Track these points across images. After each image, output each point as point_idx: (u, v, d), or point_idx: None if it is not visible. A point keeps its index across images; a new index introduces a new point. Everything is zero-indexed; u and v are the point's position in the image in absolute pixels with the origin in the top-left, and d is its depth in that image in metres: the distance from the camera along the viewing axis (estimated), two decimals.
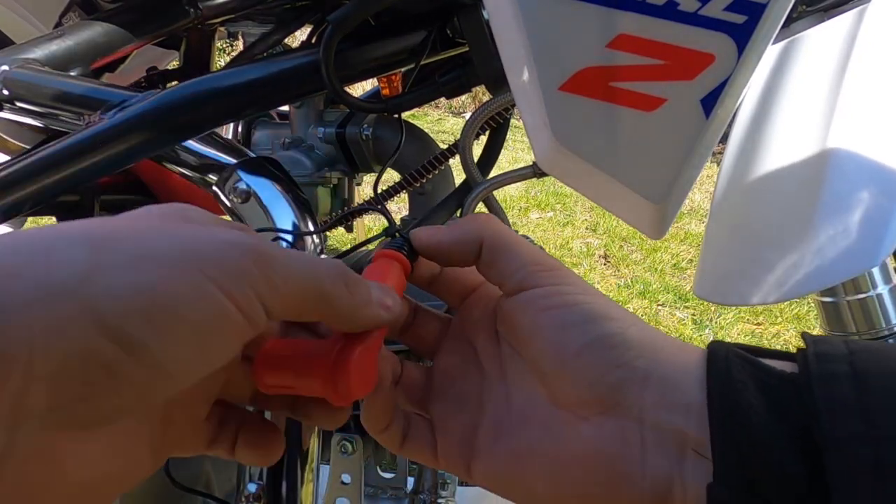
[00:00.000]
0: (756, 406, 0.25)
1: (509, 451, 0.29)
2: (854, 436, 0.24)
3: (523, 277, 0.30)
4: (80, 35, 0.63)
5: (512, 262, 0.30)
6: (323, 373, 0.26)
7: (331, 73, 0.47)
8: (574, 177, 0.36)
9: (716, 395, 0.26)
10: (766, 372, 0.27)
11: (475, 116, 0.51)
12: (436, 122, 5.41)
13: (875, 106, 0.48)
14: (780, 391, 0.26)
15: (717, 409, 0.26)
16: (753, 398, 0.26)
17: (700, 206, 3.43)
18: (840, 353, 0.26)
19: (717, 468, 0.25)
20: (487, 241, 0.31)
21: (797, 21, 0.50)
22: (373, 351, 0.28)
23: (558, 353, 0.28)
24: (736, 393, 0.26)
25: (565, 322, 0.28)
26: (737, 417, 0.25)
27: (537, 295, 0.29)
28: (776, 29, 0.29)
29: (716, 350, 0.28)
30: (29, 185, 0.55)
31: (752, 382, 0.26)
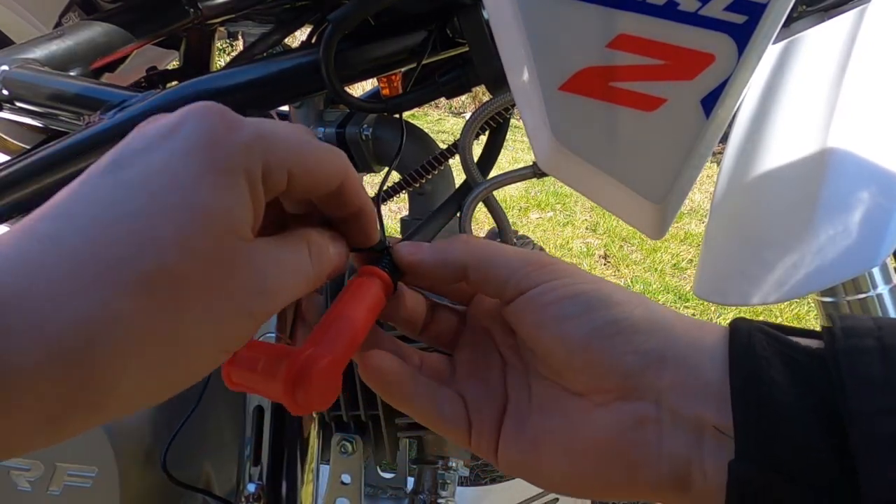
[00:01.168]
0: (780, 382, 0.25)
1: (530, 439, 0.30)
2: (881, 410, 0.23)
3: (517, 282, 0.29)
4: (80, 35, 0.63)
5: (501, 272, 0.30)
6: (286, 379, 0.26)
7: (331, 72, 0.47)
8: (574, 177, 0.36)
9: (738, 370, 0.26)
10: (791, 347, 0.26)
11: (475, 116, 0.51)
12: (436, 122, 5.42)
13: (875, 106, 0.48)
14: (805, 366, 0.25)
15: (739, 385, 0.26)
16: (777, 374, 0.25)
17: (700, 206, 3.43)
18: (867, 327, 0.26)
19: (739, 445, 0.25)
20: (472, 262, 0.30)
21: (797, 21, 0.50)
22: (340, 363, 0.27)
23: (565, 348, 0.28)
24: (759, 369, 0.25)
25: (566, 314, 0.28)
26: (760, 393, 0.25)
27: (534, 294, 0.29)
28: (776, 29, 0.29)
29: (738, 326, 0.28)
30: (29, 185, 0.55)
31: (777, 358, 0.26)
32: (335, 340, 0.28)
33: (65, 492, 0.51)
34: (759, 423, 0.25)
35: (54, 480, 0.51)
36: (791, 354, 0.26)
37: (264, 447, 0.52)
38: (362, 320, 0.29)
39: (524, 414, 0.30)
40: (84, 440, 0.50)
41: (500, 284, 0.30)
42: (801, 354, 0.26)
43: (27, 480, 0.51)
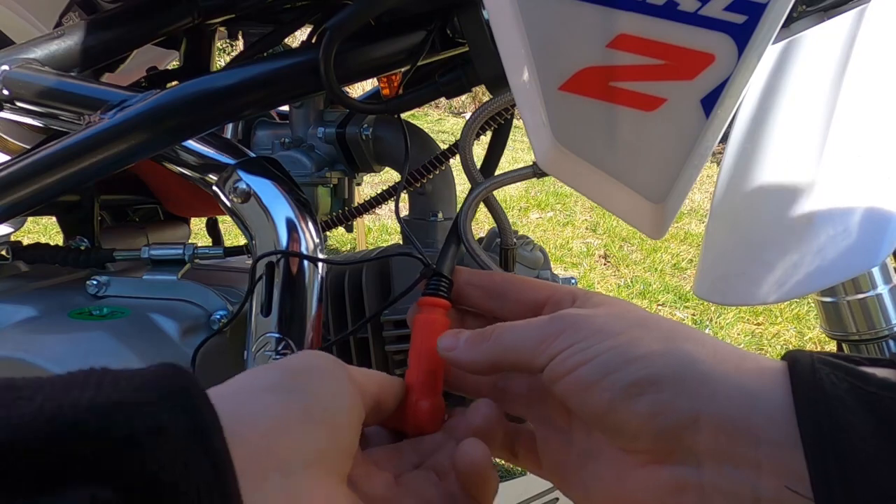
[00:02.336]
0: (860, 426, 0.21)
1: (585, 485, 0.29)
2: None
3: (537, 358, 0.29)
4: (80, 35, 0.63)
5: (523, 356, 0.30)
6: (411, 426, 0.35)
7: (330, 78, 0.47)
8: (574, 177, 0.36)
9: (808, 416, 0.22)
10: (866, 380, 0.22)
11: (475, 116, 0.51)
12: (436, 122, 5.41)
13: (875, 106, 0.48)
14: (887, 404, 0.22)
15: (811, 432, 0.22)
16: (855, 416, 0.21)
17: (700, 206, 3.43)
18: None
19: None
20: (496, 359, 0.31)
21: (797, 21, 0.50)
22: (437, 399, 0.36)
23: (591, 413, 0.27)
24: (833, 411, 0.22)
25: (584, 383, 0.27)
26: (837, 441, 0.21)
27: (554, 366, 0.28)
28: (776, 29, 0.29)
29: (797, 359, 0.24)
30: (29, 185, 0.55)
31: (852, 396, 0.22)
32: (428, 383, 0.36)
33: None
34: (844, 478, 0.21)
35: None
36: (867, 390, 0.22)
37: None
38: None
39: (583, 457, 0.30)
40: None
41: (526, 365, 0.30)
42: (879, 388, 0.22)
43: None
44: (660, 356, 0.26)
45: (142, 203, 0.87)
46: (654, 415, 0.25)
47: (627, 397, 0.26)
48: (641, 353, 0.27)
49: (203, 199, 0.77)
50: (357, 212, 0.71)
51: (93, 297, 0.62)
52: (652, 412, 0.25)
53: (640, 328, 0.28)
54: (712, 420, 0.24)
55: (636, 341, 0.27)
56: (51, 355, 0.50)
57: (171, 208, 0.88)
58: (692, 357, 0.26)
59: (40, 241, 0.70)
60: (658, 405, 0.25)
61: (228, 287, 0.67)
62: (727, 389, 0.24)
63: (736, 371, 0.25)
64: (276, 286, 0.52)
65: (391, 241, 2.10)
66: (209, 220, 0.90)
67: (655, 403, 0.25)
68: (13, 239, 0.70)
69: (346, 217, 0.71)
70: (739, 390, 0.24)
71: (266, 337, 0.52)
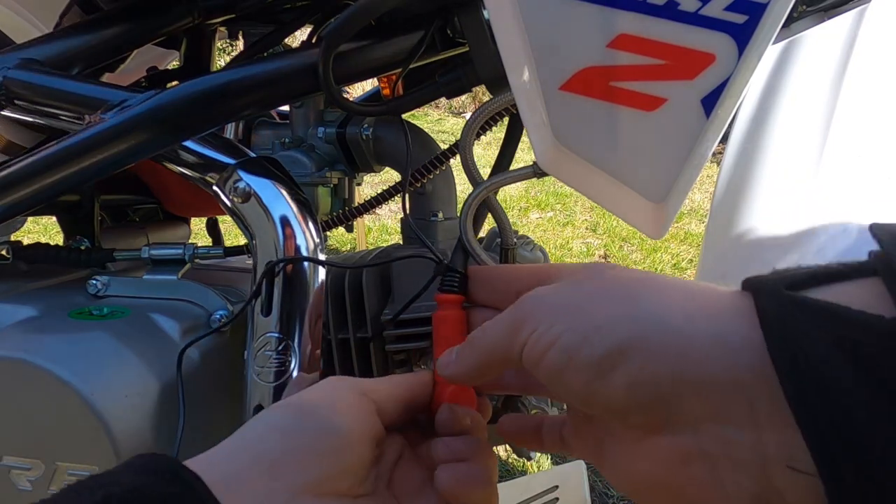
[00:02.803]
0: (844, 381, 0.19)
1: (612, 466, 0.28)
2: None
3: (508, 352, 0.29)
4: (80, 35, 0.62)
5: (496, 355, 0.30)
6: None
7: (329, 83, 0.47)
8: (574, 176, 0.36)
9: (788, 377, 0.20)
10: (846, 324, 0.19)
11: (475, 116, 0.51)
12: (436, 122, 5.41)
13: (875, 106, 0.48)
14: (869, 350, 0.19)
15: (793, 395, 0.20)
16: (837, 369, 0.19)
17: (700, 206, 3.43)
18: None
19: (829, 489, 0.19)
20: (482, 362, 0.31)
21: (797, 21, 0.50)
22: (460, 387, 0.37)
23: (576, 397, 0.26)
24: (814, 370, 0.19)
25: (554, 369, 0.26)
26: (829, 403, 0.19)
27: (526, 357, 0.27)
28: (776, 29, 0.29)
29: (765, 308, 0.21)
30: (29, 185, 0.55)
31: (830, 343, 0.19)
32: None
33: None
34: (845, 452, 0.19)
35: (54, 480, 0.51)
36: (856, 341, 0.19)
37: None
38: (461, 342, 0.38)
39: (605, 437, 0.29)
40: (84, 439, 0.50)
41: (507, 362, 0.29)
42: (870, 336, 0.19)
43: (27, 480, 0.51)
44: (622, 322, 0.24)
45: (142, 203, 0.87)
46: (632, 386, 0.23)
47: (600, 375, 0.24)
48: (601, 322, 0.24)
49: (203, 199, 0.77)
50: (357, 212, 0.71)
51: (93, 297, 0.62)
52: (629, 384, 0.23)
53: (599, 294, 0.26)
54: (695, 381, 0.22)
55: (595, 311, 0.25)
56: (51, 355, 0.50)
57: (171, 208, 0.88)
58: (658, 315, 0.24)
59: (40, 241, 0.70)
60: (632, 376, 0.23)
61: (228, 287, 0.67)
62: (703, 345, 0.22)
63: (708, 320, 0.23)
64: (276, 286, 0.53)
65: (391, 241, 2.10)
66: (209, 220, 0.90)
67: (629, 374, 0.23)
68: (13, 239, 0.70)
69: (346, 217, 0.71)
70: (717, 344, 0.22)
71: (266, 337, 0.52)
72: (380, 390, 0.33)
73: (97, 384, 0.50)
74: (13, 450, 0.51)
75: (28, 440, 0.51)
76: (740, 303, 0.23)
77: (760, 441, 0.21)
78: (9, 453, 0.51)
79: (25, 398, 0.50)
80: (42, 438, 0.51)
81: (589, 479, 0.84)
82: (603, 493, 1.44)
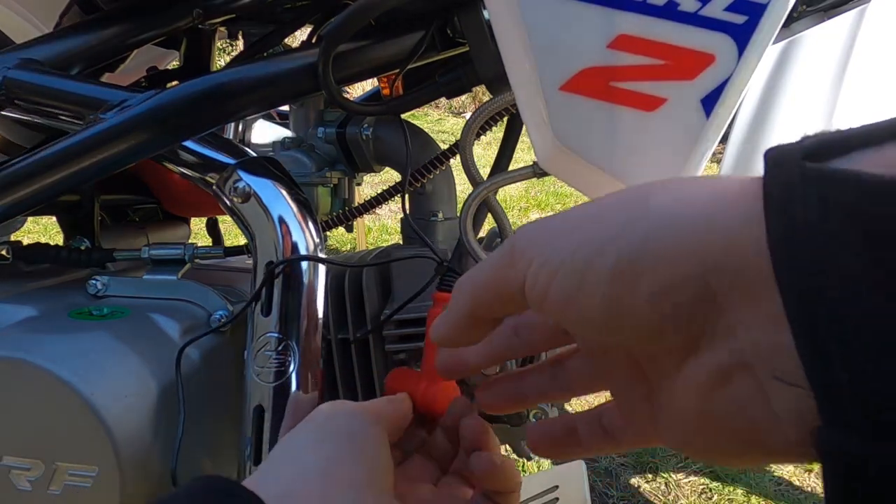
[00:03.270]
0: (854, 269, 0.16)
1: (666, 418, 0.24)
2: None
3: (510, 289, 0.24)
4: (80, 35, 0.63)
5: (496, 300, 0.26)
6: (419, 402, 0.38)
7: (329, 83, 0.47)
8: (574, 176, 0.36)
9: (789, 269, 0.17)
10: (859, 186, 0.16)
11: (475, 116, 0.51)
12: (436, 122, 5.42)
13: (875, 105, 0.48)
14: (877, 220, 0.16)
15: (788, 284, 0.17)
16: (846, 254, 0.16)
17: None
18: None
19: (821, 404, 0.16)
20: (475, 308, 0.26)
21: (797, 21, 0.50)
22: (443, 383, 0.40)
23: (597, 329, 0.22)
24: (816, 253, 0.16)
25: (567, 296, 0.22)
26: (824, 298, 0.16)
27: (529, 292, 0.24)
28: (776, 29, 0.29)
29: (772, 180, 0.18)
30: (29, 185, 0.55)
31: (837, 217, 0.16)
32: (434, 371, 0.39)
33: (65, 492, 0.51)
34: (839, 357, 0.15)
35: (54, 480, 0.51)
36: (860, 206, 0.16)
37: (264, 447, 0.52)
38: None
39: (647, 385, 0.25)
40: (84, 440, 0.50)
41: (504, 304, 0.25)
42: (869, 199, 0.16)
43: (27, 480, 0.51)
44: (637, 224, 0.20)
45: (142, 203, 0.87)
46: (657, 295, 0.20)
47: (621, 289, 0.20)
48: (613, 231, 0.21)
49: (203, 199, 0.77)
50: (357, 212, 0.71)
51: (93, 297, 0.62)
52: (652, 293, 0.20)
53: (608, 205, 0.22)
54: (723, 277, 0.19)
55: (606, 220, 0.22)
56: (51, 355, 0.50)
57: (171, 208, 0.88)
58: (674, 211, 0.20)
59: (40, 241, 0.70)
60: (655, 283, 0.20)
61: (228, 287, 0.67)
62: (724, 238, 0.19)
63: (727, 211, 0.19)
64: (276, 286, 0.53)
65: (391, 241, 2.10)
66: (209, 220, 0.90)
67: (652, 282, 0.20)
68: (13, 239, 0.70)
69: (346, 217, 0.71)
70: (739, 237, 0.19)
71: (266, 337, 0.52)
72: (373, 407, 0.34)
73: (97, 384, 0.50)
74: (13, 450, 0.51)
75: (28, 440, 0.51)
76: (745, 185, 0.20)
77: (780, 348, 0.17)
78: (8, 453, 0.51)
79: (25, 398, 0.50)
80: (42, 438, 0.51)
81: (589, 479, 0.84)
82: (603, 493, 1.44)
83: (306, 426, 0.32)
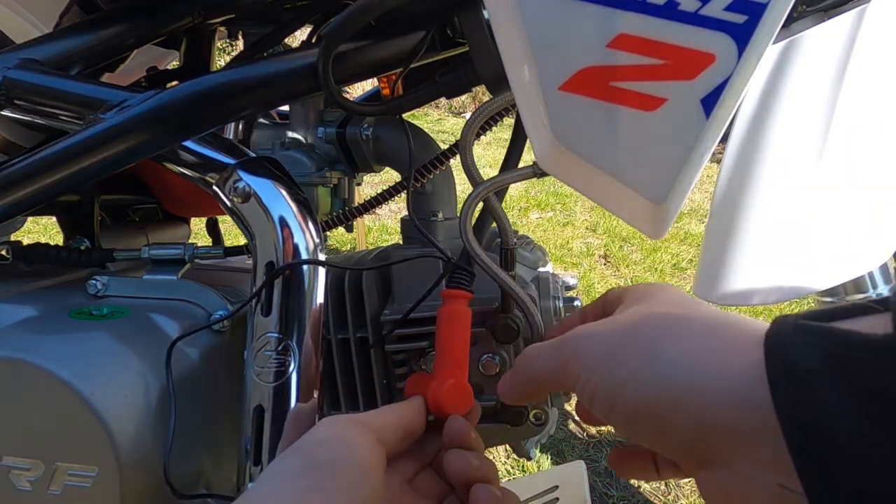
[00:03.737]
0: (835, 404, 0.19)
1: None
2: None
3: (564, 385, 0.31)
4: (80, 35, 0.63)
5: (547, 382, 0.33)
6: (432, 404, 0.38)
7: (329, 83, 0.47)
8: (574, 176, 0.36)
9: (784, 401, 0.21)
10: (843, 342, 0.20)
11: (475, 116, 0.51)
12: (436, 122, 5.42)
13: (875, 106, 0.48)
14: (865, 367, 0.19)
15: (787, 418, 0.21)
16: (831, 392, 0.19)
17: (700, 206, 3.43)
18: None
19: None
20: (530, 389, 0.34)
21: (797, 21, 0.50)
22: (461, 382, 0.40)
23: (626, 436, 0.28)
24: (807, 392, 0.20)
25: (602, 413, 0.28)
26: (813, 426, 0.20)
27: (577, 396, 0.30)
28: (776, 29, 0.29)
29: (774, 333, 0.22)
30: (29, 185, 0.55)
31: (827, 366, 0.20)
32: (451, 370, 0.40)
33: (65, 492, 0.51)
34: (824, 471, 0.19)
35: (54, 480, 0.51)
36: (843, 355, 0.20)
37: (264, 447, 0.52)
38: (465, 339, 0.41)
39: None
40: (84, 440, 0.50)
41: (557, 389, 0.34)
42: (857, 351, 0.19)
43: (27, 480, 0.51)
44: (640, 373, 0.26)
45: (142, 203, 0.87)
46: (661, 435, 0.25)
47: (633, 425, 0.26)
48: (624, 378, 0.27)
49: (203, 199, 0.77)
50: (357, 212, 0.71)
51: (93, 297, 0.62)
52: (658, 433, 0.25)
53: (628, 341, 0.28)
54: (714, 429, 0.23)
55: (624, 360, 0.27)
56: (51, 355, 0.50)
57: (171, 208, 0.88)
58: (677, 365, 0.25)
59: (40, 241, 0.70)
60: (659, 427, 0.25)
61: (228, 287, 0.67)
62: (719, 394, 0.23)
63: (721, 376, 0.24)
64: (276, 287, 0.52)
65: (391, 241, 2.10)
66: (209, 220, 0.90)
67: (656, 426, 0.25)
68: (13, 239, 0.70)
69: (346, 217, 0.71)
70: (731, 392, 0.23)
71: (266, 337, 0.52)
72: (377, 420, 0.35)
73: (97, 384, 0.50)
74: (13, 450, 0.51)
75: (28, 440, 0.51)
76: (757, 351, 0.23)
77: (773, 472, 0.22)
78: (8, 453, 0.51)
79: (25, 398, 0.50)
80: (42, 438, 0.51)
81: (589, 479, 0.84)
82: (603, 493, 1.44)
83: (294, 453, 0.32)
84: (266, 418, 0.52)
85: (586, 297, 2.46)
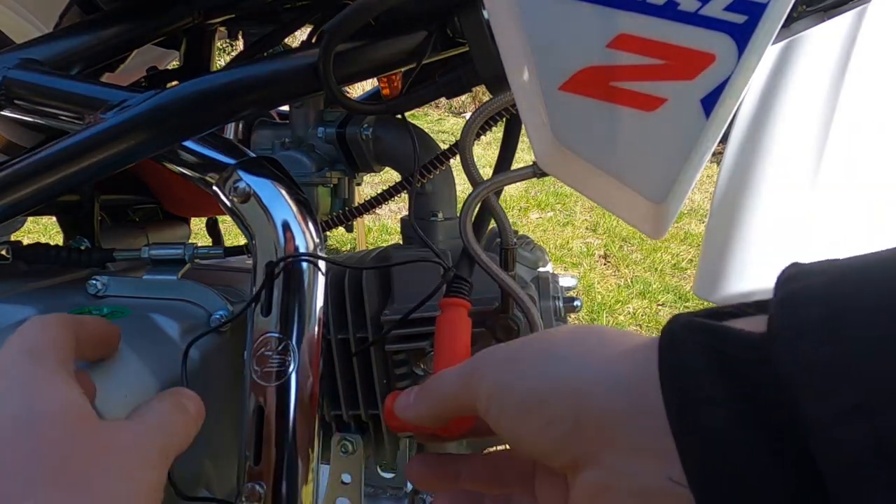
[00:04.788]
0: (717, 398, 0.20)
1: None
2: (841, 413, 0.17)
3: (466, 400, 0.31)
4: (80, 35, 0.63)
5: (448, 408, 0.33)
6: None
7: (330, 80, 0.47)
8: (574, 176, 0.36)
9: (671, 396, 0.22)
10: (727, 339, 0.21)
11: (475, 116, 0.51)
12: (436, 122, 5.42)
13: (875, 106, 0.48)
14: (744, 365, 0.20)
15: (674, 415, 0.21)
16: (714, 387, 0.20)
17: (700, 206, 3.43)
18: (815, 288, 0.20)
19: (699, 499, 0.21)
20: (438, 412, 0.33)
21: (797, 21, 0.50)
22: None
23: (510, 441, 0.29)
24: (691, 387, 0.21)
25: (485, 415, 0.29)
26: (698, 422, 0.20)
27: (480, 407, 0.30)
28: (776, 29, 0.29)
29: (666, 331, 0.23)
30: (29, 185, 0.55)
31: (712, 361, 0.21)
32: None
33: None
34: (705, 463, 0.20)
35: None
36: (726, 353, 0.21)
37: (264, 447, 0.52)
38: (465, 346, 0.40)
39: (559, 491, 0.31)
40: None
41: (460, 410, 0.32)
42: (738, 349, 0.21)
43: None
44: (538, 371, 0.27)
45: (142, 203, 0.87)
46: (544, 427, 0.26)
47: (522, 418, 0.27)
48: (518, 373, 0.28)
49: (203, 199, 0.77)
50: (357, 212, 0.71)
51: (93, 297, 0.62)
52: (540, 426, 0.26)
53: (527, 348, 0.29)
54: (592, 416, 0.24)
55: (521, 362, 0.28)
56: None
57: (171, 208, 0.88)
58: (566, 363, 0.27)
59: (40, 241, 0.70)
60: (543, 418, 0.26)
61: (228, 287, 0.67)
62: (598, 385, 0.25)
63: (608, 363, 0.25)
64: (276, 286, 0.52)
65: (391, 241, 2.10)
66: (209, 220, 0.90)
67: (541, 417, 0.26)
68: (13, 239, 0.70)
69: (346, 217, 0.71)
70: (617, 381, 0.24)
71: (266, 337, 0.52)
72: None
73: (97, 384, 0.50)
74: None
75: None
76: (649, 345, 0.25)
77: (665, 472, 0.22)
78: None
79: None
80: None
81: None
82: None
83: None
84: (266, 418, 0.52)
85: (586, 297, 2.46)
